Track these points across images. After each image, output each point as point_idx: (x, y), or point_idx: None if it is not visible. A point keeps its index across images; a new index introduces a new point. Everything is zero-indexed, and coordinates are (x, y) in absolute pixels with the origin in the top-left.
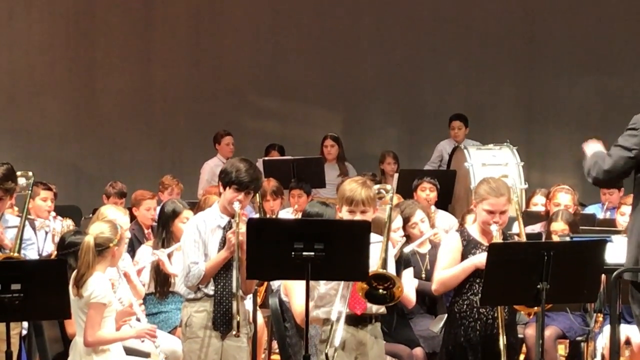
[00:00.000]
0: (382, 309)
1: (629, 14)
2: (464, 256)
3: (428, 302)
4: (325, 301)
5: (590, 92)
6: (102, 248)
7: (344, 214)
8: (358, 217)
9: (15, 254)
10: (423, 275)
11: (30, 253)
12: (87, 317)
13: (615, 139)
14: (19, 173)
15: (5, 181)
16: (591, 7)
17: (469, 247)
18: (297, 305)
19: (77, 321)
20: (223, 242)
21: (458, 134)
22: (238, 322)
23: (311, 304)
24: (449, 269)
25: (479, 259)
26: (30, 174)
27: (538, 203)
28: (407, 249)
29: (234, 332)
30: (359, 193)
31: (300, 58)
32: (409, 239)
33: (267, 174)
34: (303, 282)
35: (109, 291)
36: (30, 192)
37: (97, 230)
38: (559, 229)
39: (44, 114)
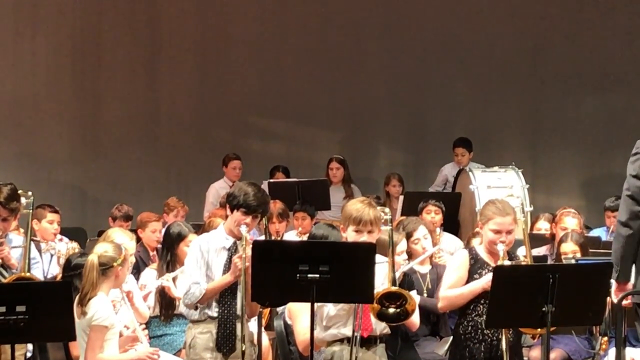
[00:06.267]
0: (386, 330)
1: (633, 35)
2: (470, 274)
3: (433, 318)
4: (333, 322)
5: (595, 114)
6: (105, 267)
7: (349, 234)
8: (364, 237)
9: (27, 274)
10: (425, 295)
11: (36, 272)
12: (88, 339)
13: (621, 159)
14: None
15: (10, 201)
16: (595, 28)
17: (476, 266)
18: (301, 331)
19: (80, 343)
20: (228, 264)
21: (462, 160)
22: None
23: (317, 328)
24: (457, 288)
25: (487, 280)
26: (30, 193)
27: (542, 228)
28: (408, 265)
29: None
30: (366, 213)
31: (306, 80)
32: (410, 256)
33: (273, 196)
34: (308, 308)
35: (111, 314)
36: (31, 211)
37: (100, 249)
38: (569, 250)
39: (49, 136)
